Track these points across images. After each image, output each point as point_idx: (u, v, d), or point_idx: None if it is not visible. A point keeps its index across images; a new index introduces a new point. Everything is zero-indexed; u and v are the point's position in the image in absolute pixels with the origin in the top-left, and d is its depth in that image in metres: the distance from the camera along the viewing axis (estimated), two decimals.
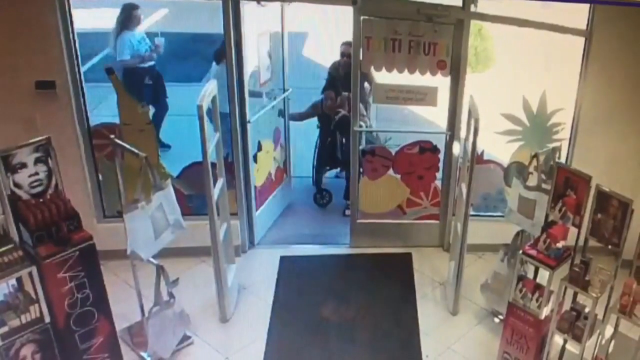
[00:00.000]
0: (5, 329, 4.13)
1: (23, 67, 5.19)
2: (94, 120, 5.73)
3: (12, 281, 4.21)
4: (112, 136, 4.91)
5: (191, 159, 5.78)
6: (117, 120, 5.64)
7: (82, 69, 5.50)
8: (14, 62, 5.16)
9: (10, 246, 4.20)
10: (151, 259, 4.77)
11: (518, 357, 4.77)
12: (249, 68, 5.71)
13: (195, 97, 4.66)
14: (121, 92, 5.59)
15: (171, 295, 4.78)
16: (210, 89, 4.86)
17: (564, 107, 5.69)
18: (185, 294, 5.00)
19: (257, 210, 6.24)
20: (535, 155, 4.87)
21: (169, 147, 7.01)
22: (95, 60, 7.75)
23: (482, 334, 5.35)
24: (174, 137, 7.04)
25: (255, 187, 6.16)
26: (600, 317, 4.54)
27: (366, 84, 6.46)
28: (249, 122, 5.79)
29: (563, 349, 4.75)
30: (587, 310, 4.51)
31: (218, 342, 5.19)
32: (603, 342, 4.49)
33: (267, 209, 6.50)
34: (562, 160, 5.35)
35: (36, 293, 4.24)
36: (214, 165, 5.04)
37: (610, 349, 4.45)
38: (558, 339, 4.73)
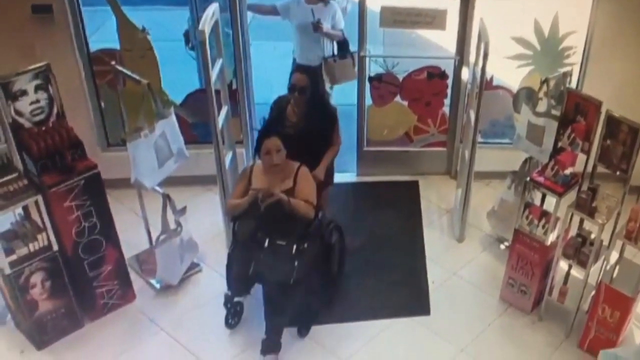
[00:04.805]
0: (13, 257, 4.19)
1: None
2: (93, 46, 5.58)
3: (19, 210, 4.24)
4: (113, 62, 4.81)
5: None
6: (117, 46, 5.50)
7: None
8: None
9: (14, 175, 4.20)
10: (156, 188, 4.76)
11: (523, 282, 4.82)
12: None
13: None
14: (121, 16, 5.41)
15: (178, 223, 4.79)
16: (211, 12, 4.71)
17: (576, 30, 5.52)
18: (193, 222, 4.99)
19: None
20: (546, 81, 4.75)
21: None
22: None
23: (488, 261, 5.38)
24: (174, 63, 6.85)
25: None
26: (605, 243, 4.55)
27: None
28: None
29: (567, 274, 4.79)
30: (592, 236, 4.52)
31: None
32: (607, 267, 4.52)
33: None
34: (573, 85, 5.24)
35: (43, 222, 4.26)
36: (217, 92, 4.95)
37: (615, 275, 4.48)
38: (563, 265, 4.76)
